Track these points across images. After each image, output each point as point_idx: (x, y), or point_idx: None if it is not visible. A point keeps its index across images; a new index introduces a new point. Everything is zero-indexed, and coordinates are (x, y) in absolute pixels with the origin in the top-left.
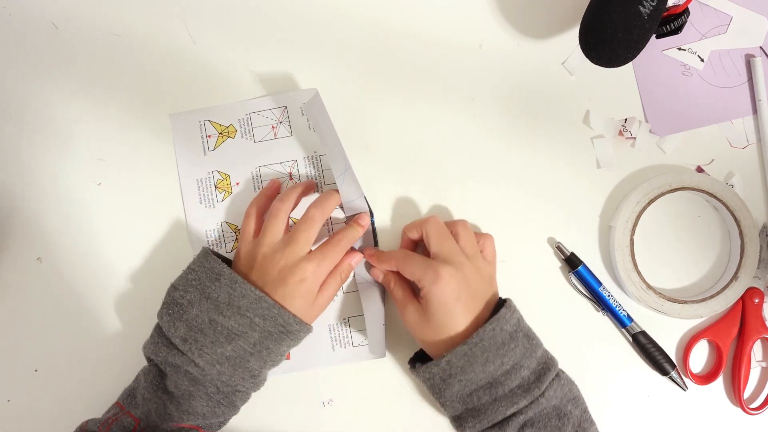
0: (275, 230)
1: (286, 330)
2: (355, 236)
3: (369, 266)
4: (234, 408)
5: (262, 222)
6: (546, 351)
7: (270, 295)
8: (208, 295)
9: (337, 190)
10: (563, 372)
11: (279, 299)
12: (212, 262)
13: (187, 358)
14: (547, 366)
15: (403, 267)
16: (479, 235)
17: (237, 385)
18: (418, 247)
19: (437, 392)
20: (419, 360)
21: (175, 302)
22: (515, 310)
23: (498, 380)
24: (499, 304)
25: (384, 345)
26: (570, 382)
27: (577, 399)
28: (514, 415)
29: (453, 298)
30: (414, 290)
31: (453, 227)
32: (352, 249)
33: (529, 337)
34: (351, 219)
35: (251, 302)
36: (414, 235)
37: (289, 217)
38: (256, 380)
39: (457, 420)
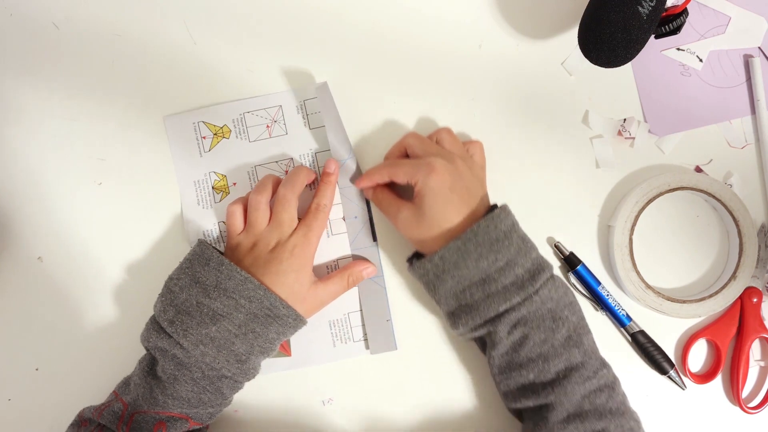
0: (260, 220)
1: (273, 313)
2: (330, 192)
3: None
4: (221, 396)
5: (246, 218)
6: (541, 255)
7: (262, 278)
8: (198, 280)
9: (303, 165)
10: (559, 277)
11: (272, 279)
12: (204, 248)
13: (174, 340)
14: (541, 267)
15: (394, 172)
16: (468, 142)
17: (222, 369)
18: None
19: (432, 289)
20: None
21: (169, 290)
22: (511, 213)
23: (491, 276)
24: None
25: (393, 338)
26: (566, 287)
27: (573, 305)
28: (506, 311)
29: (447, 188)
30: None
31: (436, 134)
32: (366, 260)
33: (524, 240)
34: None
35: (237, 283)
36: (396, 154)
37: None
38: (243, 366)
39: (451, 316)
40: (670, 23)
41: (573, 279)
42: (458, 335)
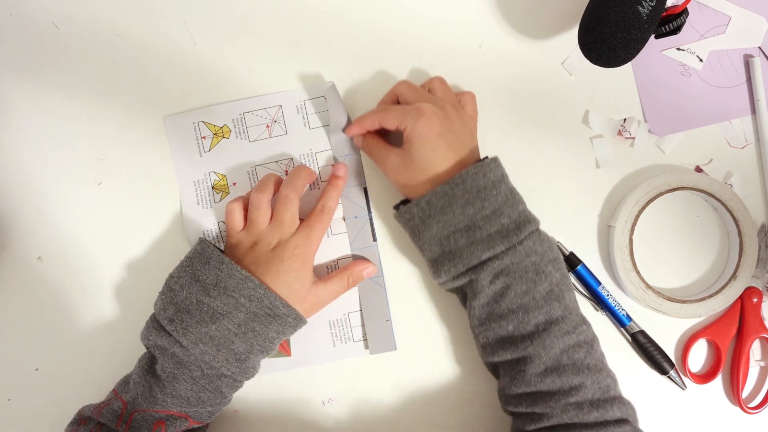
0: (261, 219)
1: (273, 313)
2: (336, 195)
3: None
4: (220, 394)
5: (246, 216)
6: (530, 211)
7: (262, 277)
8: (198, 278)
9: (304, 165)
10: (545, 233)
11: (273, 278)
12: (205, 247)
13: (173, 338)
14: (528, 219)
15: (383, 118)
16: (460, 93)
17: (221, 368)
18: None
19: (416, 234)
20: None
21: (169, 288)
22: (501, 165)
23: (476, 224)
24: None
25: (393, 338)
26: (551, 243)
27: (557, 261)
28: (490, 260)
29: (436, 133)
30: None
31: (428, 83)
32: (366, 260)
33: (513, 192)
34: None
35: (237, 282)
36: (388, 102)
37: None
38: (242, 365)
39: (434, 264)
40: (670, 23)
41: (573, 279)
42: (440, 284)
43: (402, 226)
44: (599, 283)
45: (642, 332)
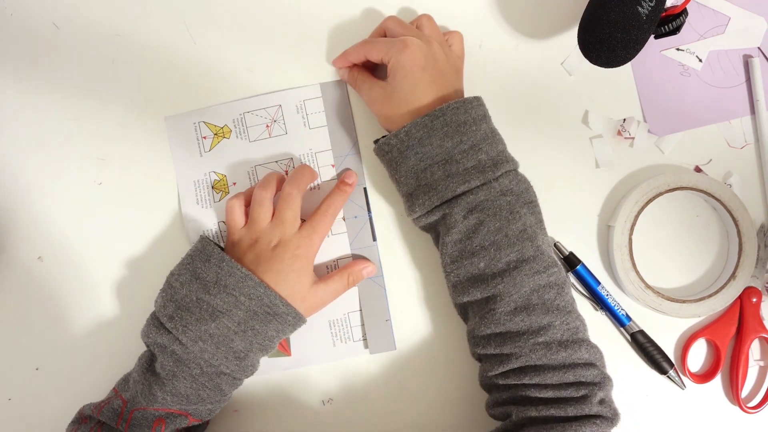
0: (263, 216)
1: (273, 311)
2: (342, 200)
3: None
4: (220, 392)
5: (247, 213)
6: (510, 154)
7: (262, 276)
8: (198, 276)
9: (307, 164)
10: (524, 176)
11: (273, 277)
12: (205, 244)
13: (173, 336)
14: (506, 159)
15: (368, 50)
16: (448, 33)
17: (221, 366)
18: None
19: (393, 167)
20: None
21: (170, 285)
22: (484, 105)
23: (454, 158)
24: None
25: (393, 338)
26: (528, 185)
27: (533, 204)
28: (464, 194)
29: (419, 66)
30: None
31: (417, 20)
32: (366, 259)
33: (494, 132)
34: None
35: (238, 281)
36: (376, 36)
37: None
38: (242, 363)
39: (409, 198)
40: (669, 23)
41: (572, 279)
42: (414, 220)
43: (380, 160)
44: (599, 283)
45: (641, 332)
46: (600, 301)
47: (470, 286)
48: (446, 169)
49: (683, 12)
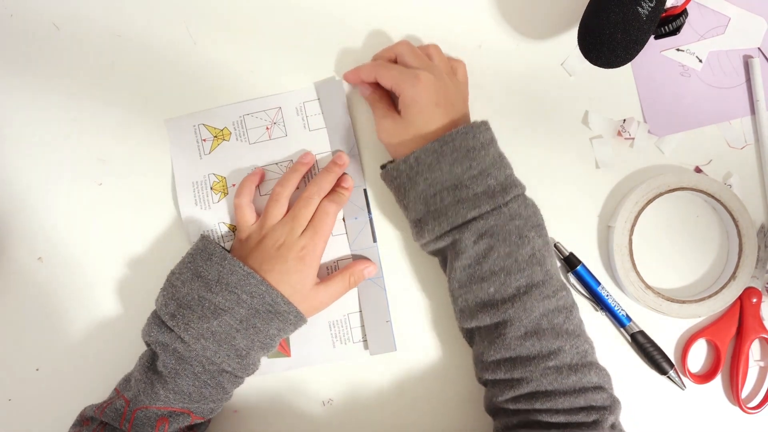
0: (277, 213)
1: (274, 309)
2: (342, 200)
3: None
4: (222, 390)
5: (255, 210)
6: (517, 177)
7: (265, 275)
8: (200, 274)
9: (331, 170)
10: (531, 200)
11: (276, 277)
12: (207, 243)
13: (175, 334)
14: (514, 183)
15: (381, 74)
16: (452, 60)
17: (222, 364)
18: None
19: (402, 192)
20: None
21: (171, 284)
22: (491, 130)
23: (463, 183)
24: None
25: (393, 338)
26: (535, 209)
27: (540, 227)
28: (474, 219)
29: (432, 102)
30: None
31: (425, 50)
32: (367, 259)
33: (502, 157)
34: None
35: (239, 279)
36: (385, 58)
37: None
38: (243, 361)
39: (417, 224)
40: (669, 24)
41: (573, 279)
42: (422, 246)
43: (388, 185)
44: (599, 284)
45: (641, 332)
46: (600, 302)
47: (479, 312)
48: (456, 194)
49: (683, 12)
